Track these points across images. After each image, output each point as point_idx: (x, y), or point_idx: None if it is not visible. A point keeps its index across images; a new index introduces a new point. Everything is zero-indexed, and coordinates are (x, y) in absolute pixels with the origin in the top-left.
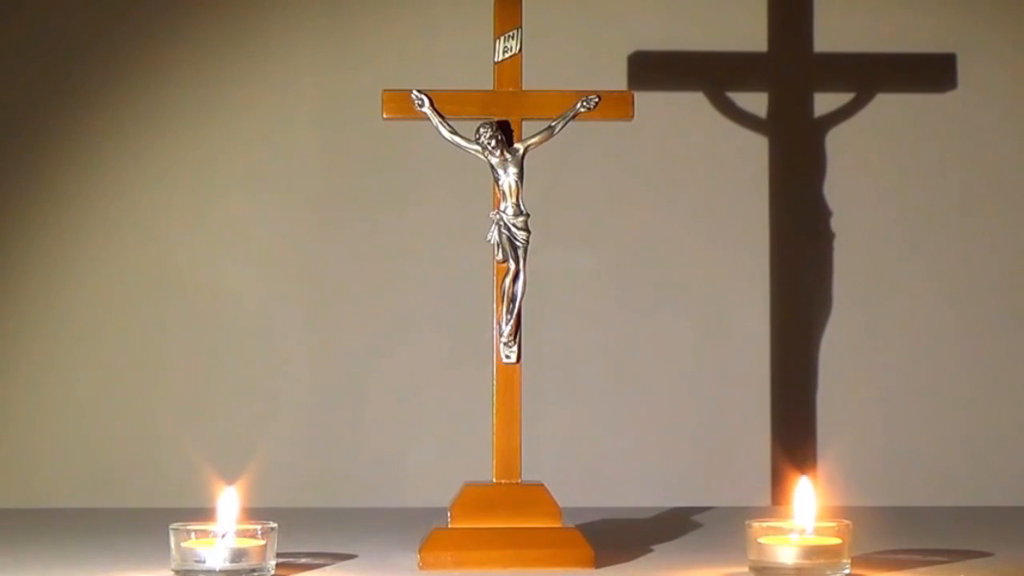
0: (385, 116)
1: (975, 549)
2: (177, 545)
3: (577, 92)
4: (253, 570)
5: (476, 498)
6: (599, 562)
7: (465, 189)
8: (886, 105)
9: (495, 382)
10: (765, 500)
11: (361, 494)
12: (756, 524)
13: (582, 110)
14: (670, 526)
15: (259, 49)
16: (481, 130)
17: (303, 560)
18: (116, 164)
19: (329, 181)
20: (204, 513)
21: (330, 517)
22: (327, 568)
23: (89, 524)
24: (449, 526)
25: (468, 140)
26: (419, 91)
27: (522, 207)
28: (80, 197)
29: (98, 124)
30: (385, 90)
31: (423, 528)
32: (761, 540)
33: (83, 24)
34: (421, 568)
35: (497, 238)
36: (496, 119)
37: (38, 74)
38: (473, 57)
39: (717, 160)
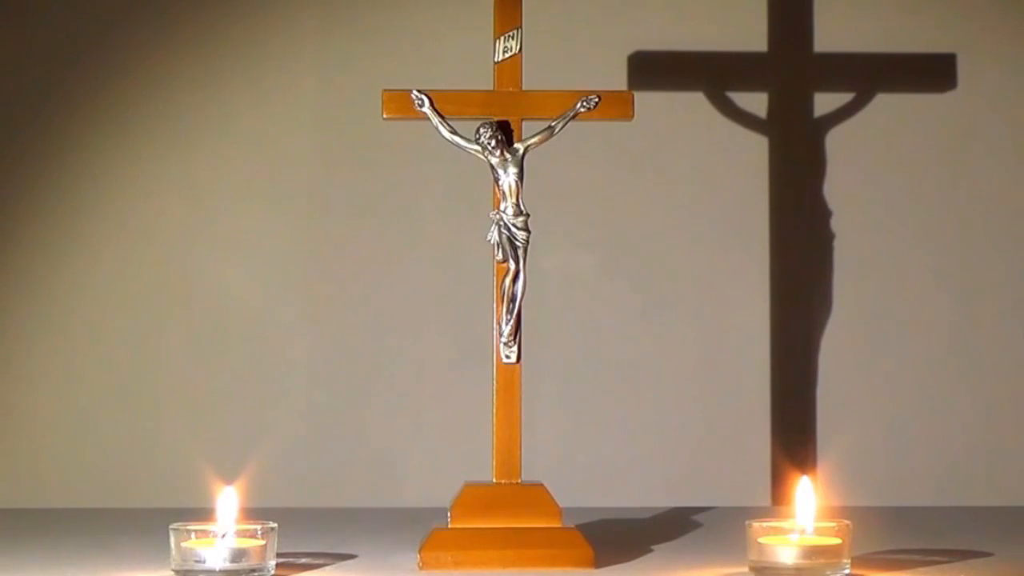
0: (385, 116)
1: (975, 549)
2: (177, 545)
3: (577, 92)
4: (253, 570)
5: (476, 498)
6: (599, 562)
7: (465, 189)
8: (886, 105)
9: (495, 382)
10: (765, 500)
11: (361, 494)
12: (756, 524)
13: (582, 110)
14: (670, 526)
15: (259, 50)
16: (481, 130)
17: (303, 560)
18: (116, 166)
19: (329, 181)
20: (204, 513)
21: (330, 517)
22: (327, 568)
23: (89, 524)
24: (449, 526)
25: (468, 140)
26: (419, 91)
27: (522, 207)
28: (80, 200)
29: (97, 126)
30: (385, 90)
31: (423, 528)
32: (761, 540)
33: (82, 27)
34: (421, 568)
35: (497, 238)
36: (496, 119)
37: (38, 78)
38: (473, 57)
39: (717, 160)
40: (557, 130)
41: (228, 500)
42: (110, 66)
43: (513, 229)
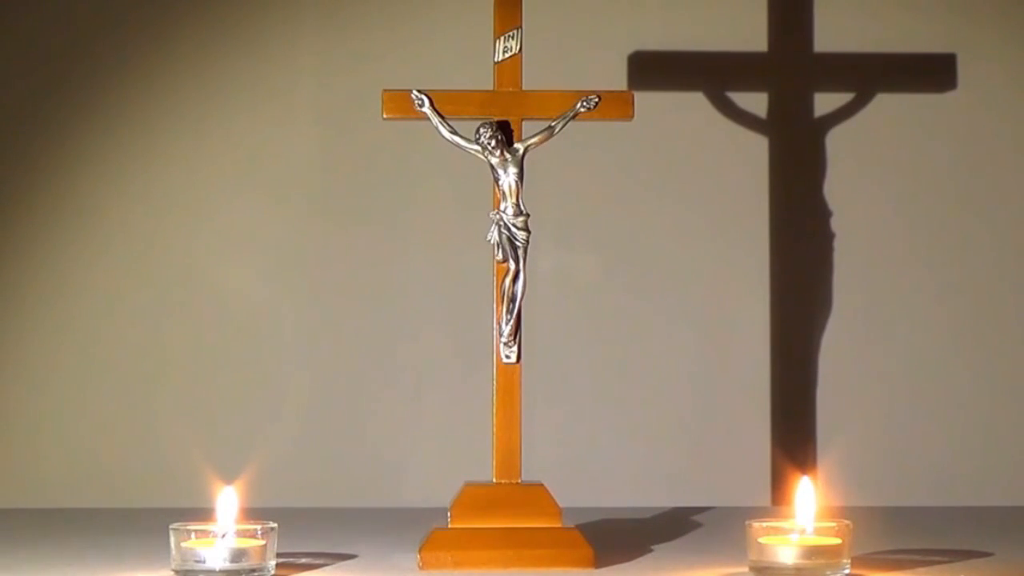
0: (385, 116)
1: (975, 549)
2: (177, 545)
3: (577, 92)
4: (253, 570)
5: (476, 498)
6: (599, 562)
7: (465, 189)
8: (886, 105)
9: (495, 382)
10: (765, 500)
11: (361, 494)
12: (756, 524)
13: (582, 110)
14: (670, 526)
15: (259, 49)
16: (481, 130)
17: (303, 560)
18: (116, 164)
19: (329, 181)
20: (204, 513)
21: (330, 517)
22: (327, 568)
23: (89, 524)
24: (449, 526)
25: (468, 140)
26: (419, 91)
27: (522, 207)
28: (81, 197)
29: (98, 124)
30: (385, 90)
31: (423, 528)
32: (761, 540)
33: (83, 24)
34: (421, 568)
35: (497, 238)
36: (496, 119)
37: (40, 75)
38: (473, 57)
39: (717, 160)
40: (557, 130)
41: (228, 500)
42: (111, 66)
43: (513, 229)
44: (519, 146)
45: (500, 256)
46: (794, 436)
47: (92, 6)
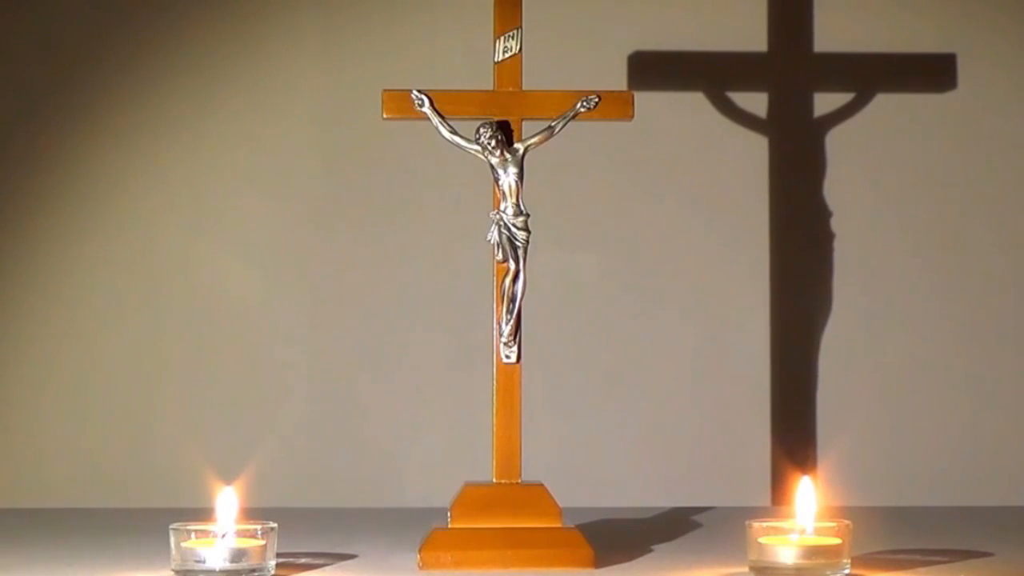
0: (385, 116)
1: (975, 549)
2: (177, 545)
3: (577, 92)
4: (253, 570)
5: (476, 498)
6: (599, 562)
7: (465, 189)
8: (886, 105)
9: (495, 382)
10: (765, 500)
11: (361, 494)
12: (756, 524)
13: (582, 110)
14: (670, 526)
15: (259, 49)
16: (481, 130)
17: (303, 560)
18: (116, 164)
19: (329, 181)
20: (204, 513)
21: (330, 517)
22: (327, 568)
23: (89, 524)
24: (449, 526)
25: (468, 140)
26: (419, 91)
27: (522, 207)
28: (80, 197)
29: (97, 124)
30: (385, 90)
31: (423, 528)
32: (761, 540)
33: (84, 23)
34: (421, 568)
35: (497, 238)
36: (496, 119)
37: (39, 73)
38: (473, 57)
39: (717, 160)
40: (557, 130)
41: (228, 500)
42: (112, 65)
43: (513, 229)
44: (519, 146)
45: (500, 256)
46: (794, 436)
47: (92, 6)
